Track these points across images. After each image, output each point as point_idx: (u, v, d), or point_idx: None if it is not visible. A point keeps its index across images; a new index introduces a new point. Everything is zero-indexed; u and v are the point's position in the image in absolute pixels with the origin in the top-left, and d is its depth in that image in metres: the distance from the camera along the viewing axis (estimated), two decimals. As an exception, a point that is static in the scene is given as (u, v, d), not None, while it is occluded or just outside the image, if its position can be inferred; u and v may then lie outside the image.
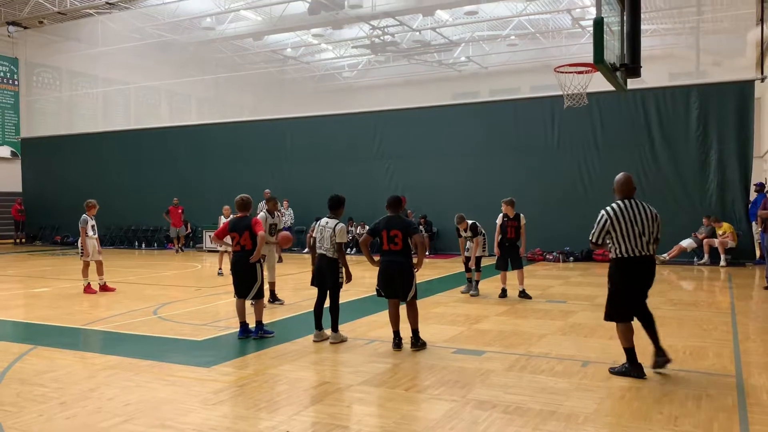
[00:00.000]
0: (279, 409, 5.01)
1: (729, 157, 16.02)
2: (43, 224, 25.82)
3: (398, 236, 6.92)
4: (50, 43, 26.33)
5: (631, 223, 5.73)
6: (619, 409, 4.97)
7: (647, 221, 5.77)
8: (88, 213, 11.54)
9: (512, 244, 10.54)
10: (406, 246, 6.95)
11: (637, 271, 5.80)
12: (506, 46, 27.55)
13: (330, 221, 7.31)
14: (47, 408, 5.06)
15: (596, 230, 5.88)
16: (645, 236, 5.74)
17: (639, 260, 5.75)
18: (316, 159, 20.88)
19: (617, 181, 5.99)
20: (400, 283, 6.94)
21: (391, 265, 6.97)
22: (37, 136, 26.40)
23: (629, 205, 5.82)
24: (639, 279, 5.83)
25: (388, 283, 7.02)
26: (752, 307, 9.95)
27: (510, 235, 10.49)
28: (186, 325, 8.52)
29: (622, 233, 5.73)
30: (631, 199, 5.88)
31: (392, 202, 7.16)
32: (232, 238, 7.63)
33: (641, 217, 5.77)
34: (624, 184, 5.95)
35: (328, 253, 7.27)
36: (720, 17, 19.41)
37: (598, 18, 6.48)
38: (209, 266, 16.38)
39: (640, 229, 5.73)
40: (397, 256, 6.95)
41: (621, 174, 6.05)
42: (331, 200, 7.45)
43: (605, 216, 5.83)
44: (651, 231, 5.78)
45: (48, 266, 17.03)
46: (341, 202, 7.46)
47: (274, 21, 25.08)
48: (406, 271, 6.95)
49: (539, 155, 17.94)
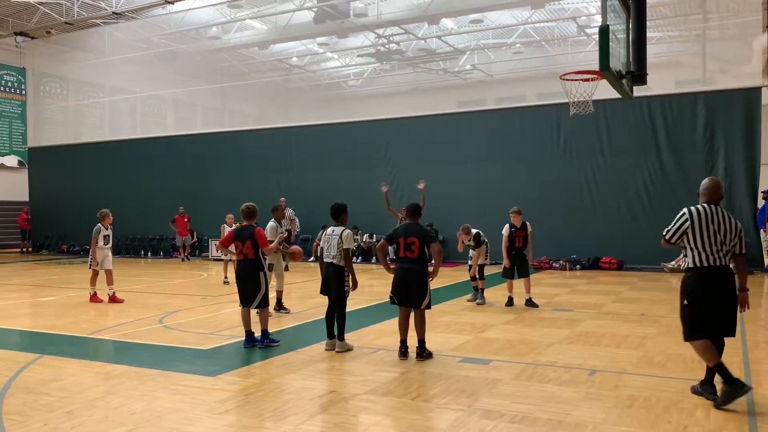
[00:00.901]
0: (285, 419, 4.98)
1: (736, 164, 15.96)
2: (50, 233, 25.90)
3: (415, 243, 6.92)
4: (57, 53, 26.52)
5: (715, 231, 5.28)
6: (627, 418, 4.92)
7: (730, 231, 5.30)
8: (103, 223, 11.51)
9: (519, 253, 10.56)
10: (422, 254, 6.95)
11: (717, 283, 5.32)
12: (512, 54, 27.56)
13: (336, 229, 7.33)
14: (53, 417, 5.05)
15: (673, 228, 5.43)
16: (726, 246, 5.29)
17: (719, 271, 5.30)
18: (322, 167, 20.91)
19: (704, 185, 5.51)
20: (415, 290, 6.90)
21: (407, 273, 6.96)
22: (44, 145, 26.54)
23: (715, 211, 5.34)
24: (718, 291, 5.33)
25: (401, 291, 6.99)
26: (761, 315, 9.88)
27: (518, 244, 10.52)
28: (191, 334, 8.51)
29: (703, 239, 5.28)
30: (717, 206, 5.43)
31: (412, 210, 7.22)
32: (236, 246, 7.62)
33: (725, 226, 5.30)
34: (712, 189, 5.45)
35: (334, 261, 7.25)
36: (726, 24, 19.37)
37: (604, 25, 6.46)
38: (215, 275, 16.38)
39: (722, 238, 5.27)
40: (412, 264, 6.94)
41: (708, 178, 5.60)
42: (332, 209, 7.46)
43: (686, 215, 5.37)
44: (733, 242, 5.32)
45: (54, 275, 17.07)
46: (342, 209, 7.46)
47: (280, 30, 25.18)
48: (421, 279, 6.92)
49: (545, 163, 17.92)
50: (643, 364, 6.58)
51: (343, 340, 7.28)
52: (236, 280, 7.76)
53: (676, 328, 8.41)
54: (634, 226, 16.61)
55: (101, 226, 11.49)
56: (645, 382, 5.87)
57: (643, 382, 5.89)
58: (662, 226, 5.74)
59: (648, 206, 16.66)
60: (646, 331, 8.33)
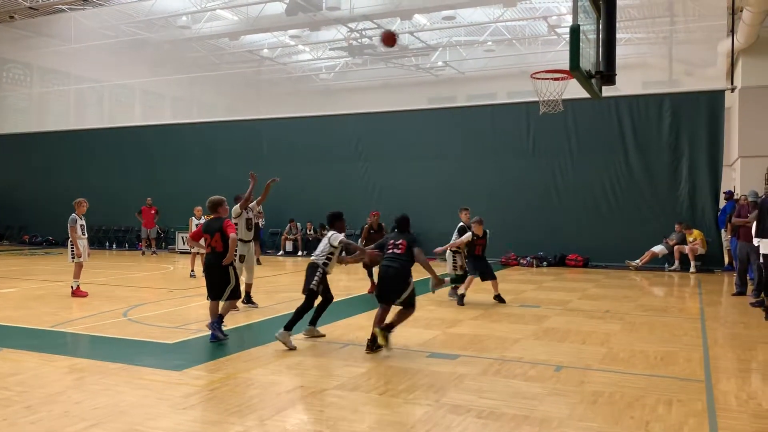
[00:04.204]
0: (251, 414, 4.94)
1: (700, 164, 16.30)
2: (11, 223, 25.29)
3: (403, 244, 7.11)
4: (21, 39, 25.78)
5: None
6: (591, 413, 5.00)
7: None
8: (78, 212, 11.10)
9: (481, 258, 10.57)
10: (409, 253, 7.05)
11: None
12: (483, 52, 27.70)
13: (328, 232, 7.48)
14: (11, 412, 4.92)
15: None
16: None
17: None
18: (292, 160, 20.74)
19: None
20: (394, 286, 6.98)
21: (388, 270, 7.04)
22: (5, 133, 25.82)
23: None
24: None
25: (381, 286, 7.11)
26: (721, 312, 10.12)
27: (478, 252, 10.52)
28: (157, 327, 8.38)
29: None
30: None
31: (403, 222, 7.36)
32: (205, 239, 7.54)
33: None
34: None
35: (317, 260, 7.32)
36: (692, 28, 19.73)
37: (575, 25, 6.52)
38: (181, 268, 16.17)
39: None
40: (394, 262, 7.02)
41: None
42: (327, 217, 7.63)
43: None
44: None
45: (15, 266, 16.66)
46: (337, 217, 7.57)
47: (251, 21, 24.89)
48: (400, 275, 7.00)
49: (514, 160, 18.07)
50: (607, 360, 6.68)
51: (290, 331, 7.09)
52: (204, 273, 7.67)
53: (640, 325, 8.59)
54: (600, 225, 16.86)
55: (76, 215, 11.10)
56: (609, 378, 5.96)
57: (607, 378, 5.99)
58: (628, 224, 5.85)
59: (614, 205, 16.92)
60: (610, 327, 8.47)
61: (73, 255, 11.14)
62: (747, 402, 5.32)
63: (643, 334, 8.03)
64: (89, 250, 11.51)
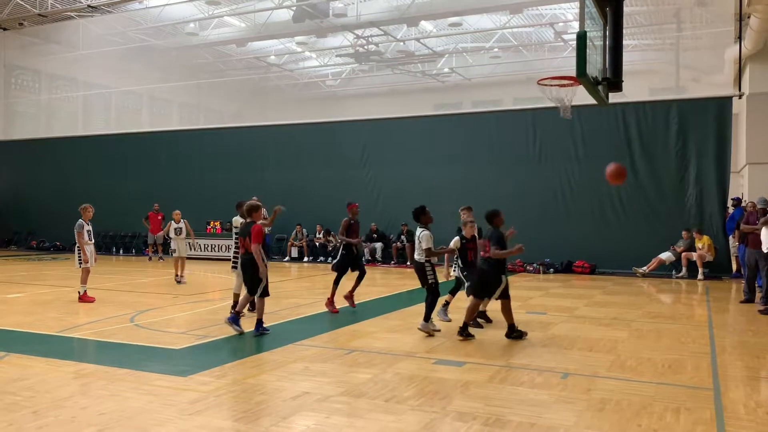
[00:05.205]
0: (257, 420, 4.93)
1: (707, 171, 16.23)
2: (19, 229, 25.41)
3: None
4: (30, 46, 26.00)
5: None
6: (598, 421, 4.97)
7: None
8: (84, 218, 11.12)
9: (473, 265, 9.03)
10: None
11: None
12: (489, 58, 27.72)
13: (417, 230, 8.38)
14: (18, 417, 4.93)
15: None
16: None
17: None
18: (299, 166, 20.80)
19: None
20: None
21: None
22: (14, 139, 26.00)
23: None
24: None
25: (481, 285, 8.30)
26: (729, 320, 10.05)
27: (470, 258, 9.13)
28: (163, 333, 8.40)
29: None
30: None
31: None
32: (240, 241, 8.51)
33: None
34: None
35: (419, 258, 8.23)
36: (699, 34, 19.71)
37: (582, 32, 6.53)
38: (188, 273, 16.18)
39: None
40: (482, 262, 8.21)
41: None
42: (413, 213, 8.68)
43: None
44: None
45: (23, 271, 16.73)
46: (421, 212, 8.53)
47: (258, 28, 25.00)
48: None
49: (520, 167, 18.04)
50: (614, 367, 6.65)
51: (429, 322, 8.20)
52: (241, 272, 8.64)
53: (647, 332, 8.54)
54: (607, 231, 16.81)
55: (83, 221, 11.11)
56: (616, 386, 5.93)
57: (614, 385, 5.95)
58: (635, 231, 5.83)
59: (621, 212, 16.86)
60: (617, 334, 8.43)
61: (80, 260, 11.17)
62: (755, 410, 5.28)
63: (651, 342, 7.98)
64: (96, 255, 11.55)
